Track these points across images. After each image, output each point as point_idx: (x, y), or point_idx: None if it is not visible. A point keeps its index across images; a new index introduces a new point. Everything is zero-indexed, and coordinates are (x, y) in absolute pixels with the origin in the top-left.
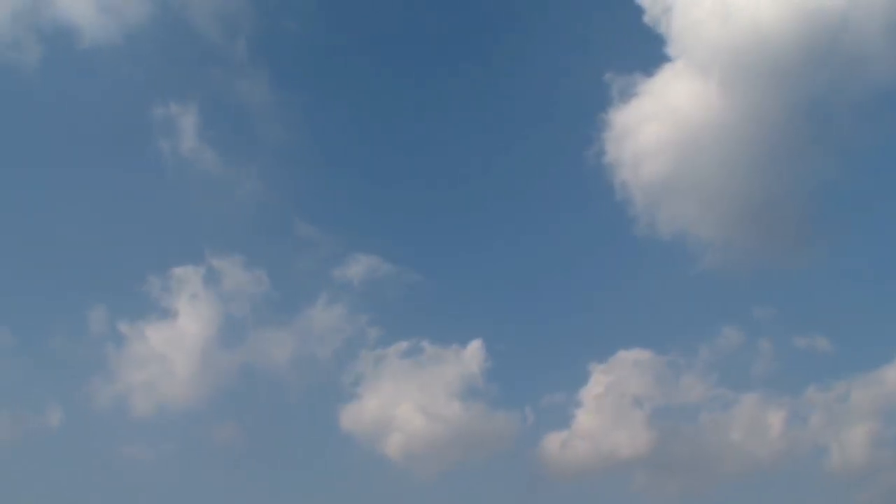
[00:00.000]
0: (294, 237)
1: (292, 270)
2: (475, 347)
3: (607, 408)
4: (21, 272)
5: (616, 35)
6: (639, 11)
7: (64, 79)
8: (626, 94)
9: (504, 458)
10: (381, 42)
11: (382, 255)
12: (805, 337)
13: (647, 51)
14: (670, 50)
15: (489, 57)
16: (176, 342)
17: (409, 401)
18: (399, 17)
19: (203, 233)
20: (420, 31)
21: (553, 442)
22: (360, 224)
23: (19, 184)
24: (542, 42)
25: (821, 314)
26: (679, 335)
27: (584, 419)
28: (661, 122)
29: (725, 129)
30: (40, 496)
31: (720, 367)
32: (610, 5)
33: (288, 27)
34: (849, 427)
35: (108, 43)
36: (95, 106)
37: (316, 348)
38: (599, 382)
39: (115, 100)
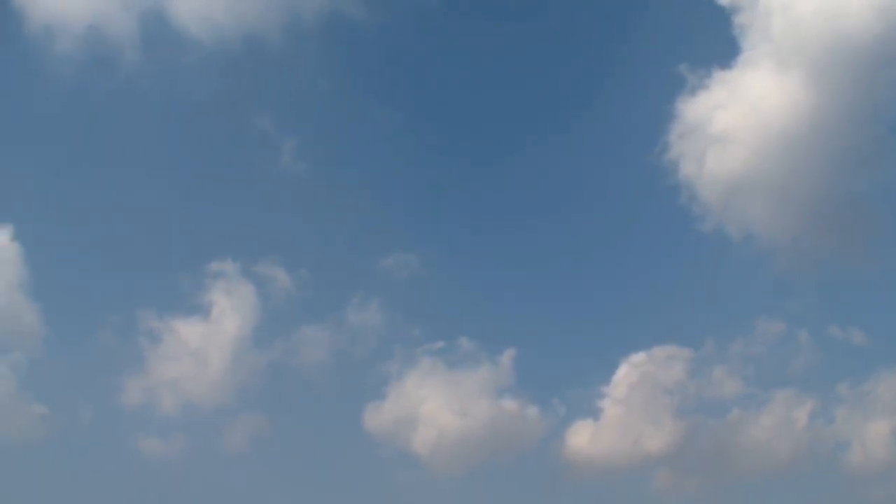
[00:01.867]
0: (335, 236)
1: (332, 269)
2: (510, 351)
3: (637, 404)
4: (71, 268)
5: (693, 25)
6: (719, 4)
7: (171, 81)
8: (700, 87)
9: (532, 456)
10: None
11: (422, 255)
12: (842, 331)
13: (724, 42)
14: (749, 42)
15: (554, 60)
16: (211, 339)
17: (441, 399)
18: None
19: (244, 230)
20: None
21: (581, 439)
22: (402, 224)
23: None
24: (622, 32)
25: (860, 310)
26: (715, 331)
27: (613, 414)
28: (735, 116)
29: (805, 126)
30: (78, 488)
31: (755, 362)
32: None
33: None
34: (872, 422)
35: (224, 51)
36: (199, 108)
37: (352, 346)
38: (631, 378)
39: (215, 107)
